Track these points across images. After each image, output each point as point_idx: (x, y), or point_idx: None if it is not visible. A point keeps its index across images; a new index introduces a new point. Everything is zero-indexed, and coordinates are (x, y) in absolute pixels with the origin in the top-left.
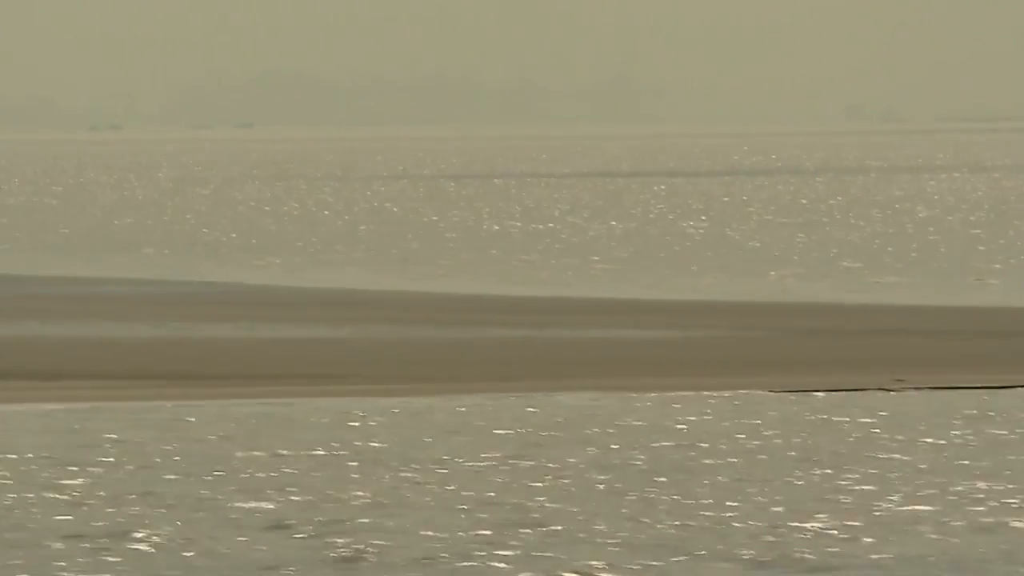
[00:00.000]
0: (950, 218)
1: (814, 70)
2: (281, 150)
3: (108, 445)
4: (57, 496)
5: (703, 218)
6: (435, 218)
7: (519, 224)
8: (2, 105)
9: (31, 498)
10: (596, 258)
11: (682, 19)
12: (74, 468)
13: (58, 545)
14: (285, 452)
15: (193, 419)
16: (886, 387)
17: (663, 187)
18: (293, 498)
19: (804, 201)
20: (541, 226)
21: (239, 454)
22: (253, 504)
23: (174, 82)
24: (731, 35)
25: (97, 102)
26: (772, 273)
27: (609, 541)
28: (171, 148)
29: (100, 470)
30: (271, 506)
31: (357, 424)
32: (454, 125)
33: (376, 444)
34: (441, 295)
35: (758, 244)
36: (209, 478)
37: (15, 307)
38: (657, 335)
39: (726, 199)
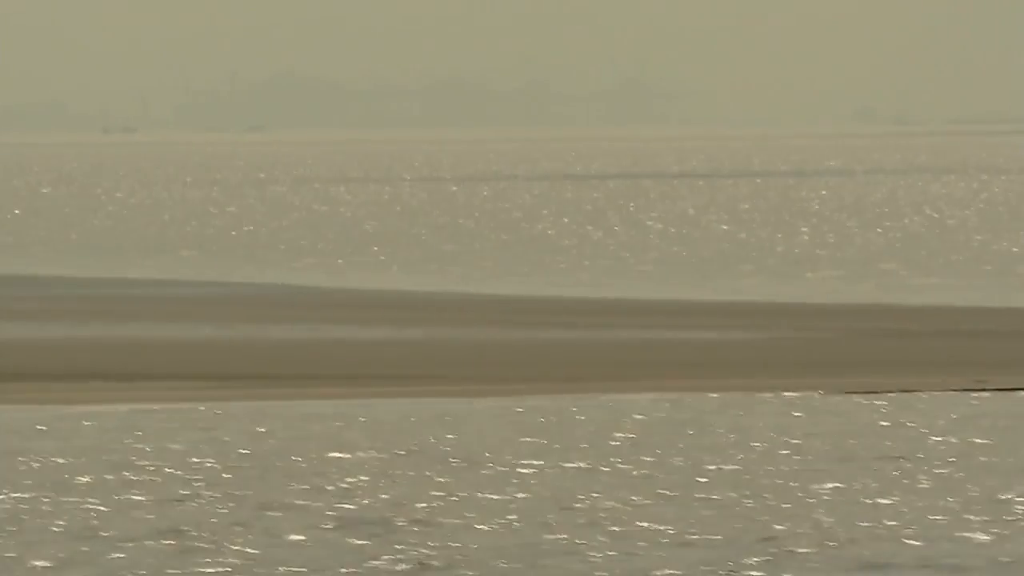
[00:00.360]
0: (975, 219)
1: (825, 73)
2: (295, 153)
3: (187, 446)
4: (140, 496)
5: (733, 219)
6: (464, 220)
7: (549, 226)
8: (14, 108)
9: (119, 500)
10: (633, 259)
11: (694, 22)
12: (155, 469)
13: (151, 543)
14: (363, 453)
15: (270, 420)
16: (967, 388)
17: (686, 189)
18: (373, 499)
19: (830, 204)
20: (572, 228)
21: (316, 455)
22: (335, 503)
23: (186, 85)
24: (742, 38)
25: (108, 105)
26: (810, 274)
27: (693, 540)
28: (185, 151)
29: (181, 471)
30: (350, 506)
31: (433, 425)
32: (466, 128)
33: (453, 445)
34: (497, 297)
35: (792, 246)
36: (289, 478)
37: (82, 309)
38: (724, 336)
39: (752, 201)
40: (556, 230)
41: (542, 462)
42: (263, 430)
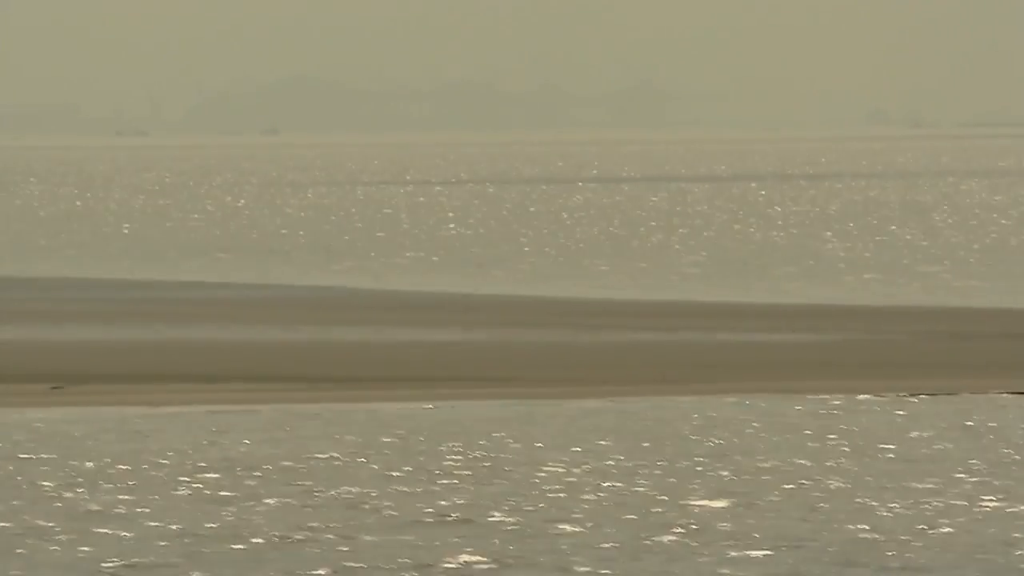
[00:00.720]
0: (1006, 221)
1: (837, 75)
2: (312, 156)
3: (266, 448)
4: (227, 497)
5: (764, 223)
6: (494, 222)
7: (580, 228)
8: (26, 111)
9: (208, 501)
10: (675, 262)
11: (705, 25)
12: (240, 471)
13: (239, 547)
14: (447, 460)
15: (345, 422)
16: None
17: (710, 192)
18: (453, 501)
19: (858, 207)
20: (607, 230)
21: (394, 457)
22: (416, 504)
23: (197, 87)
24: (754, 40)
25: (121, 108)
26: (850, 277)
27: (780, 543)
28: (203, 153)
29: (263, 473)
30: (430, 507)
31: (528, 427)
32: (478, 131)
33: (533, 447)
34: (553, 299)
35: (827, 248)
36: (366, 480)
37: (148, 311)
38: (795, 339)
39: (780, 204)
40: (588, 232)
41: (628, 464)
42: (339, 432)
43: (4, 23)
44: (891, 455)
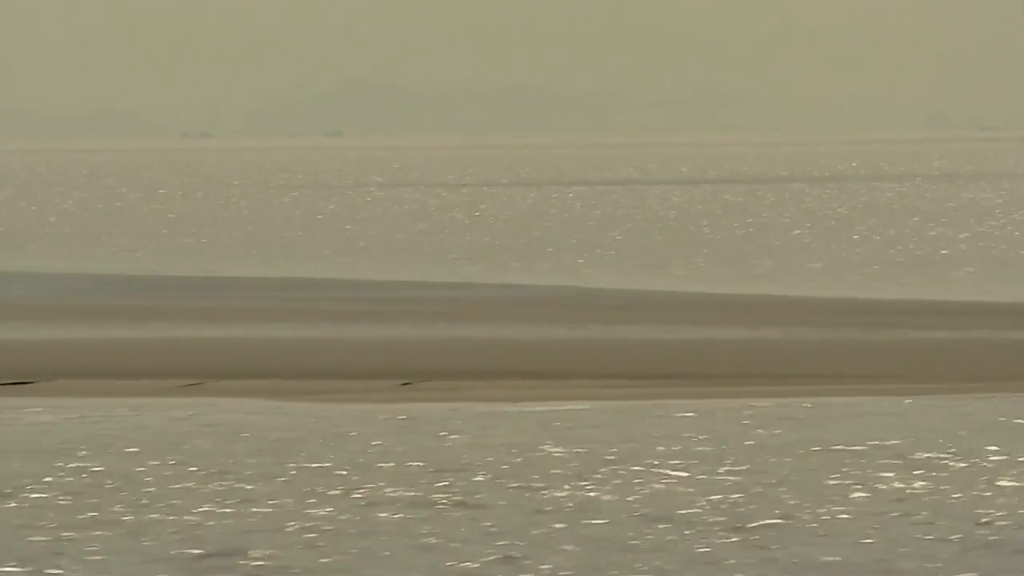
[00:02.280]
0: None
1: (893, 78)
2: (385, 158)
3: (585, 446)
4: (558, 496)
5: (890, 223)
6: (627, 222)
7: (721, 229)
8: (86, 115)
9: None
10: (850, 261)
11: (762, 28)
12: (564, 471)
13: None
14: (748, 460)
15: (667, 416)
16: None
17: (813, 192)
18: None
19: (974, 208)
20: (743, 229)
21: (714, 451)
22: (692, 506)
23: (257, 91)
24: (810, 44)
25: (179, 112)
26: None
27: None
28: (277, 156)
29: (584, 471)
30: (721, 504)
31: (829, 424)
32: (535, 134)
33: (845, 442)
34: (791, 298)
35: (1002, 250)
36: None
37: (423, 311)
38: None
39: (895, 204)
40: (729, 232)
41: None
42: (666, 428)
43: (62, 30)
44: None
